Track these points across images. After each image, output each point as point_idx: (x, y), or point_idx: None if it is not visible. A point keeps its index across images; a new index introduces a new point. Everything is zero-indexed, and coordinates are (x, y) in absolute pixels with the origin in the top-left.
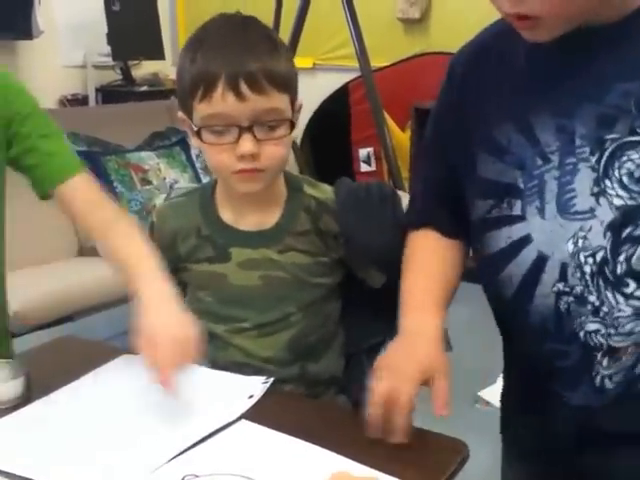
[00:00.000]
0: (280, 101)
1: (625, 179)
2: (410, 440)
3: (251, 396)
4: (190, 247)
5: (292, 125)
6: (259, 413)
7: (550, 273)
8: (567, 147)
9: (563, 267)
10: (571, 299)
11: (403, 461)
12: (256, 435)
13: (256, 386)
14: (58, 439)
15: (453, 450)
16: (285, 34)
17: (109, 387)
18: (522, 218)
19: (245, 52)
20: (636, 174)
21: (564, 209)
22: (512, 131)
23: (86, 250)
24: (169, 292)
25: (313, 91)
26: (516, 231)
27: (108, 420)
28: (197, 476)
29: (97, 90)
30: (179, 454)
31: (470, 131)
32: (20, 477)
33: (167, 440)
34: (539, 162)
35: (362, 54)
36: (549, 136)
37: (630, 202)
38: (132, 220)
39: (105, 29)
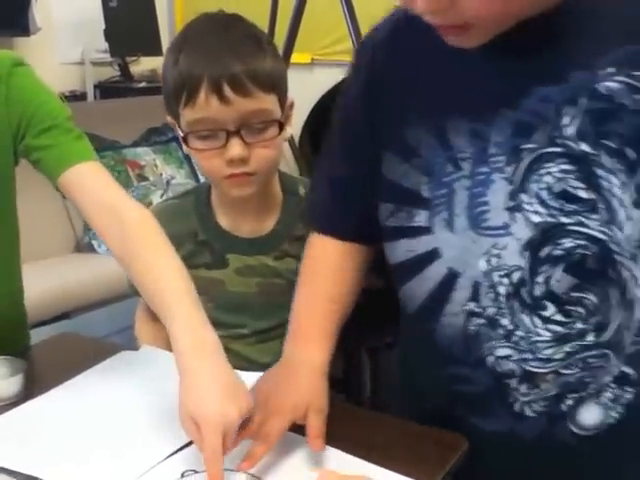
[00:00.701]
0: (267, 102)
1: (544, 194)
2: (410, 435)
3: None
4: (187, 252)
5: (281, 126)
6: None
7: (461, 292)
8: (481, 155)
9: (475, 286)
10: (482, 321)
11: (403, 456)
12: None
13: (254, 381)
14: (57, 436)
15: (453, 445)
16: (282, 30)
17: (108, 384)
18: (428, 230)
19: (227, 53)
20: (555, 189)
21: (476, 223)
22: (423, 132)
23: (83, 246)
24: (209, 342)
25: (311, 87)
26: (422, 244)
27: (107, 417)
28: (196, 472)
29: (95, 86)
30: (178, 450)
31: (378, 126)
32: (18, 474)
33: (166, 436)
34: (449, 169)
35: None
36: (463, 141)
37: (549, 219)
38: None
39: (102, 25)
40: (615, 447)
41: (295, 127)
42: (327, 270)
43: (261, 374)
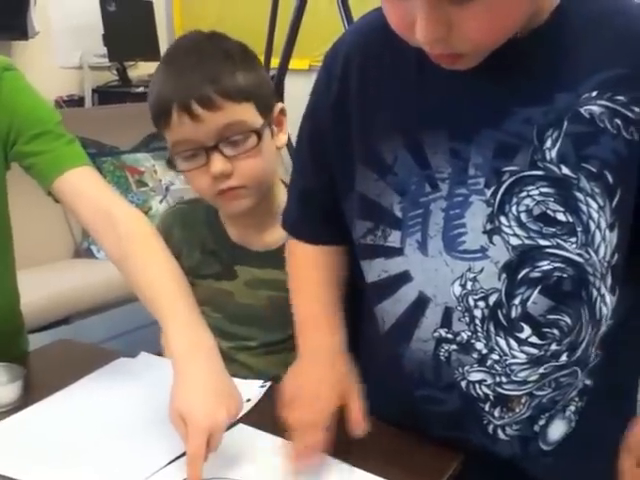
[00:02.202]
0: (240, 113)
1: (523, 216)
2: (408, 445)
3: (248, 400)
4: (195, 261)
5: (259, 135)
6: (257, 417)
7: (431, 317)
8: (459, 176)
9: (447, 312)
10: (453, 347)
11: (400, 465)
12: (253, 439)
13: (254, 390)
14: (54, 443)
15: (450, 455)
16: (281, 36)
17: (106, 390)
18: (400, 252)
19: (195, 73)
20: (535, 212)
21: (451, 247)
22: (400, 148)
23: (82, 252)
24: (204, 344)
25: (309, 92)
26: (393, 265)
27: (105, 424)
28: None
29: (93, 91)
30: (176, 458)
31: (351, 138)
32: None
33: (164, 444)
34: (427, 189)
35: None
36: (442, 161)
37: (528, 242)
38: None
39: (101, 30)
40: (572, 456)
41: (294, 133)
42: (315, 272)
43: (259, 381)
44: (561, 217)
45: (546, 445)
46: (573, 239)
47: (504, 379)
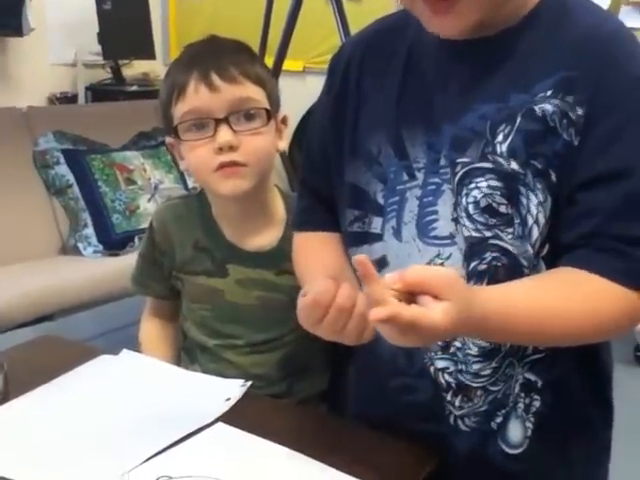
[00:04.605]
0: (254, 92)
1: (471, 208)
2: (383, 448)
3: (228, 399)
4: (186, 257)
5: (269, 115)
6: (236, 416)
7: None
8: (432, 166)
9: None
10: None
11: (378, 468)
12: (232, 438)
13: (234, 389)
14: (33, 438)
15: (423, 459)
16: (275, 37)
17: (86, 387)
18: (380, 237)
19: (217, 54)
20: (482, 203)
21: (424, 232)
22: (383, 141)
23: (69, 249)
24: None
25: (303, 95)
26: (375, 251)
27: (83, 420)
28: (171, 478)
29: (87, 88)
30: (154, 455)
31: (344, 133)
32: None
33: (142, 441)
34: (404, 177)
35: None
36: (419, 152)
37: (475, 234)
38: None
39: (96, 28)
40: (536, 461)
41: (288, 135)
42: (320, 250)
43: (240, 381)
44: (503, 209)
45: (507, 446)
46: (510, 229)
47: (463, 367)
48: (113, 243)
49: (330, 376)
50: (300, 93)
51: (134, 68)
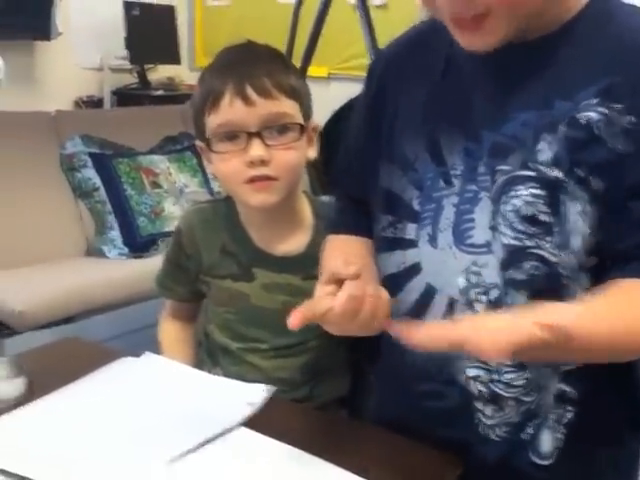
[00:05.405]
0: (289, 106)
1: (511, 216)
2: (407, 453)
3: (251, 403)
4: (213, 261)
5: (302, 129)
6: (257, 420)
7: (436, 309)
8: (470, 173)
9: (451, 303)
10: None
11: (402, 475)
12: (253, 443)
13: (256, 393)
14: (54, 440)
15: (448, 466)
16: (300, 43)
17: (107, 390)
18: (415, 244)
19: (252, 63)
20: (523, 212)
21: (460, 240)
22: (421, 146)
23: (93, 250)
24: None
25: (327, 101)
26: (408, 258)
27: (105, 423)
28: None
29: (113, 93)
30: (175, 459)
31: (380, 138)
32: (17, 476)
33: (163, 445)
34: (441, 184)
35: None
36: (456, 159)
37: (515, 242)
38: None
39: (123, 32)
40: (565, 471)
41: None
42: (346, 242)
43: (263, 385)
44: (544, 218)
45: (538, 457)
46: (549, 238)
47: (496, 377)
48: (138, 246)
49: (351, 381)
50: (324, 99)
51: (159, 72)
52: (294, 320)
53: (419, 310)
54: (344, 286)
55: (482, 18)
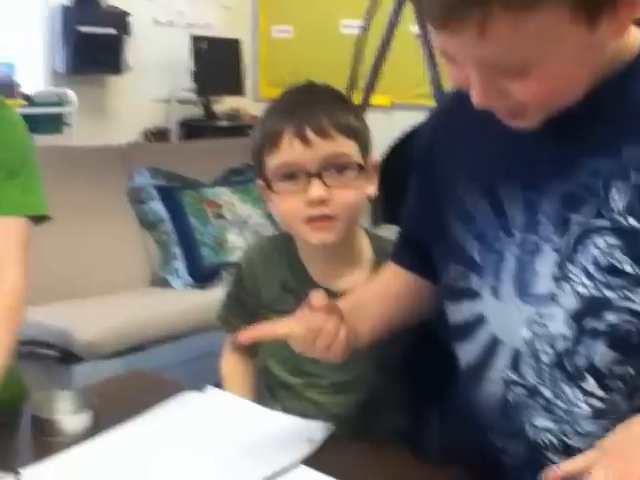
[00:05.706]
0: (347, 146)
1: (590, 267)
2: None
3: (311, 440)
4: (272, 296)
5: (361, 168)
6: (318, 459)
7: (501, 360)
8: (531, 224)
9: (515, 354)
10: (521, 390)
11: None
12: None
13: (317, 430)
14: (118, 474)
15: None
16: (365, 71)
17: (170, 425)
18: (478, 295)
19: (311, 104)
20: (601, 262)
21: (523, 291)
22: (480, 199)
23: (158, 281)
24: None
25: (390, 130)
26: (473, 308)
27: (167, 459)
28: None
29: (179, 124)
30: None
31: (441, 190)
32: None
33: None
34: (501, 236)
35: (438, 92)
36: (516, 210)
37: (594, 292)
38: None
39: (190, 65)
40: None
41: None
42: (383, 290)
43: (323, 422)
44: (628, 269)
45: None
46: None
47: (569, 428)
48: (202, 276)
49: (411, 417)
50: (387, 128)
51: (224, 104)
52: (242, 336)
53: (484, 360)
54: (302, 318)
55: (520, 111)
